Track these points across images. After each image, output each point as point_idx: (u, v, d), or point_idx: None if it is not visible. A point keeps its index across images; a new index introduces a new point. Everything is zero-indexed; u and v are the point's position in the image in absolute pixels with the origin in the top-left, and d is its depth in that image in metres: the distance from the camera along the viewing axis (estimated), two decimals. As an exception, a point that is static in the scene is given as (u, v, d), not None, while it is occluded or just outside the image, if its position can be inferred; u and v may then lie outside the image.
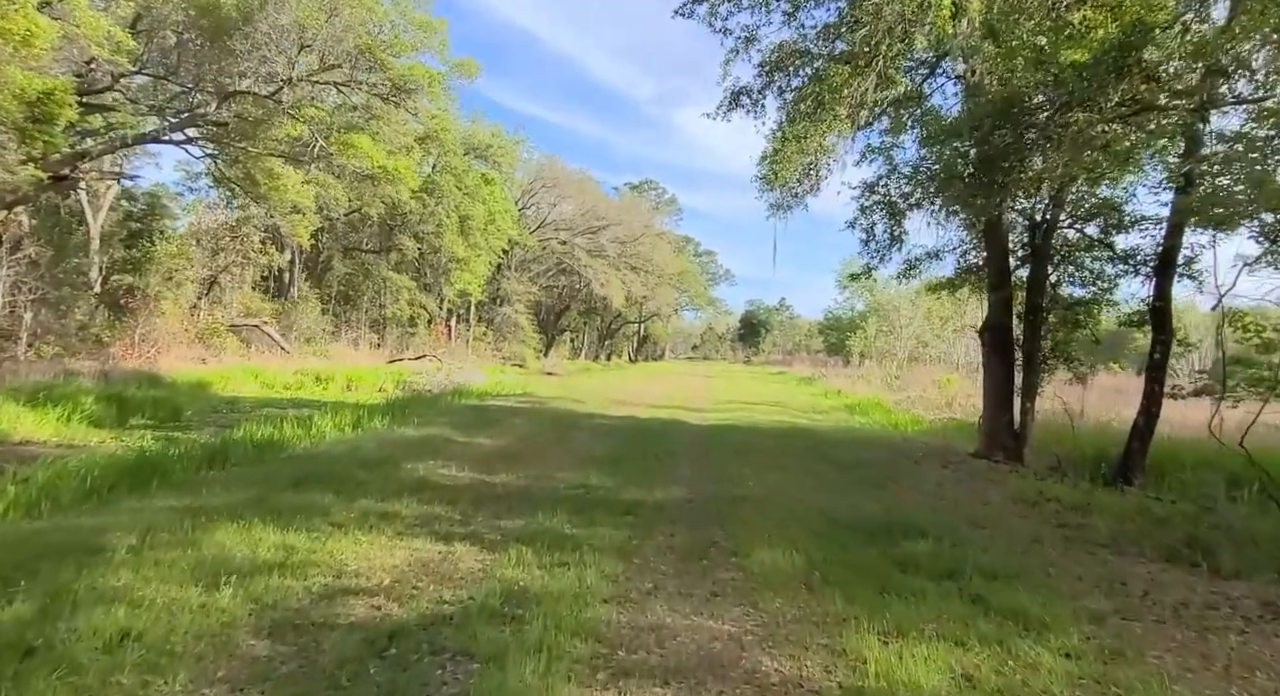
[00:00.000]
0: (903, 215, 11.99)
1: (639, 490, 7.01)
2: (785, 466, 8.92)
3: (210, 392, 17.47)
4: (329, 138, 16.91)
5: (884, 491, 7.54)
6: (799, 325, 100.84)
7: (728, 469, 8.52)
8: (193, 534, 4.37)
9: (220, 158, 20.92)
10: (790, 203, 10.61)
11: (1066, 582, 4.45)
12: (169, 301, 23.27)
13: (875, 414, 18.43)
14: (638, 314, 68.20)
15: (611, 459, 8.77)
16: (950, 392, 21.93)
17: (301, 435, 8.82)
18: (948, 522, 6.05)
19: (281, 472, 6.56)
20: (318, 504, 5.44)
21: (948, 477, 8.49)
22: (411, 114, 18.74)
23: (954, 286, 12.66)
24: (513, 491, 6.60)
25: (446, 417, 11.81)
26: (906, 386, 26.98)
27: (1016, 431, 9.74)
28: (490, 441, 9.56)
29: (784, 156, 8.72)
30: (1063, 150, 5.70)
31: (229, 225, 26.93)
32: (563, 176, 47.81)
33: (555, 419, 12.75)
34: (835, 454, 10.12)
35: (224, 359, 23.05)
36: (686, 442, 10.80)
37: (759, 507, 6.41)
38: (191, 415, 13.52)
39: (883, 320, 49.69)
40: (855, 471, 8.76)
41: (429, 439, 9.34)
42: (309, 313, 28.98)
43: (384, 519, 5.19)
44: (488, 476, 7.20)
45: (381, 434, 9.60)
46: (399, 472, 6.98)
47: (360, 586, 3.83)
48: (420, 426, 10.51)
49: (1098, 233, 9.94)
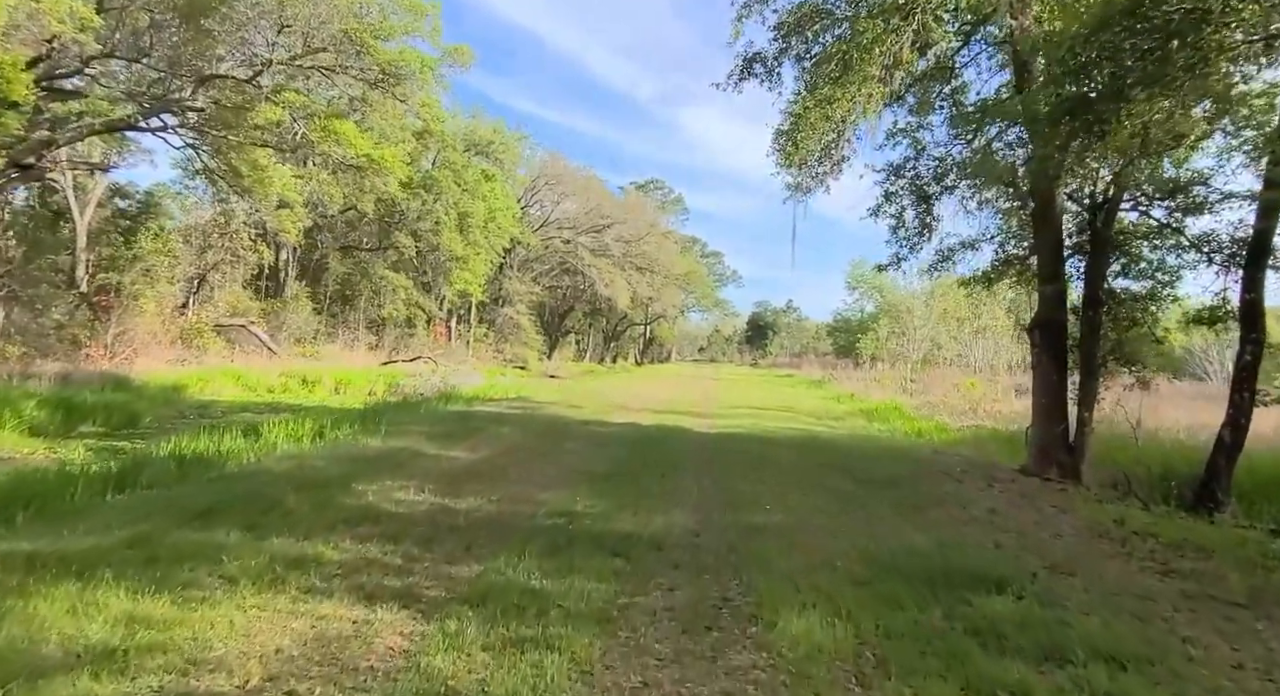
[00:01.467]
0: (934, 200, 10.74)
1: (634, 518, 5.77)
2: (806, 484, 7.67)
3: (182, 396, 16.34)
4: (311, 124, 15.74)
5: (929, 518, 6.28)
6: (806, 327, 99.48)
7: (740, 487, 7.28)
8: (3, 602, 3.16)
9: (201, 148, 19.83)
10: (810, 184, 9.37)
11: (1224, 674, 3.19)
12: (149, 300, 22.20)
13: (895, 420, 17.13)
14: (643, 315, 67.00)
15: (605, 475, 7.54)
16: (974, 397, 20.59)
17: (246, 448, 7.63)
18: (1021, 565, 4.79)
19: (194, 499, 5.35)
20: (215, 545, 4.22)
21: (999, 500, 7.21)
22: (401, 101, 17.55)
23: (990, 280, 11.37)
24: (478, 521, 5.37)
25: (424, 425, 10.60)
26: (925, 390, 25.66)
27: (1072, 444, 8.45)
28: (466, 454, 8.34)
29: (807, 124, 7.50)
30: (1176, 87, 4.45)
31: (218, 222, 25.86)
32: (566, 173, 46.65)
33: (547, 426, 11.53)
34: (861, 468, 8.86)
35: (206, 360, 21.95)
36: (692, 454, 9.57)
37: (781, 543, 5.17)
38: (151, 421, 12.39)
39: (895, 321, 48.31)
40: (889, 490, 7.50)
41: (395, 452, 8.13)
42: (300, 312, 27.85)
43: (294, 568, 3.97)
44: (452, 500, 5.98)
45: (341, 446, 8.39)
46: (342, 497, 5.76)
47: (211, 692, 2.61)
48: (391, 436, 9.30)
49: (1164, 216, 8.65)
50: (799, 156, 8.22)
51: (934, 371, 30.61)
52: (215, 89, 17.63)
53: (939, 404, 20.03)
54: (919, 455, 10.54)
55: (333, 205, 30.15)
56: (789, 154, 8.36)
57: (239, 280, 29.60)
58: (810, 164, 9.02)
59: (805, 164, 8.96)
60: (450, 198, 32.22)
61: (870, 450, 10.97)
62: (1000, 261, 11.07)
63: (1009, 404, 20.79)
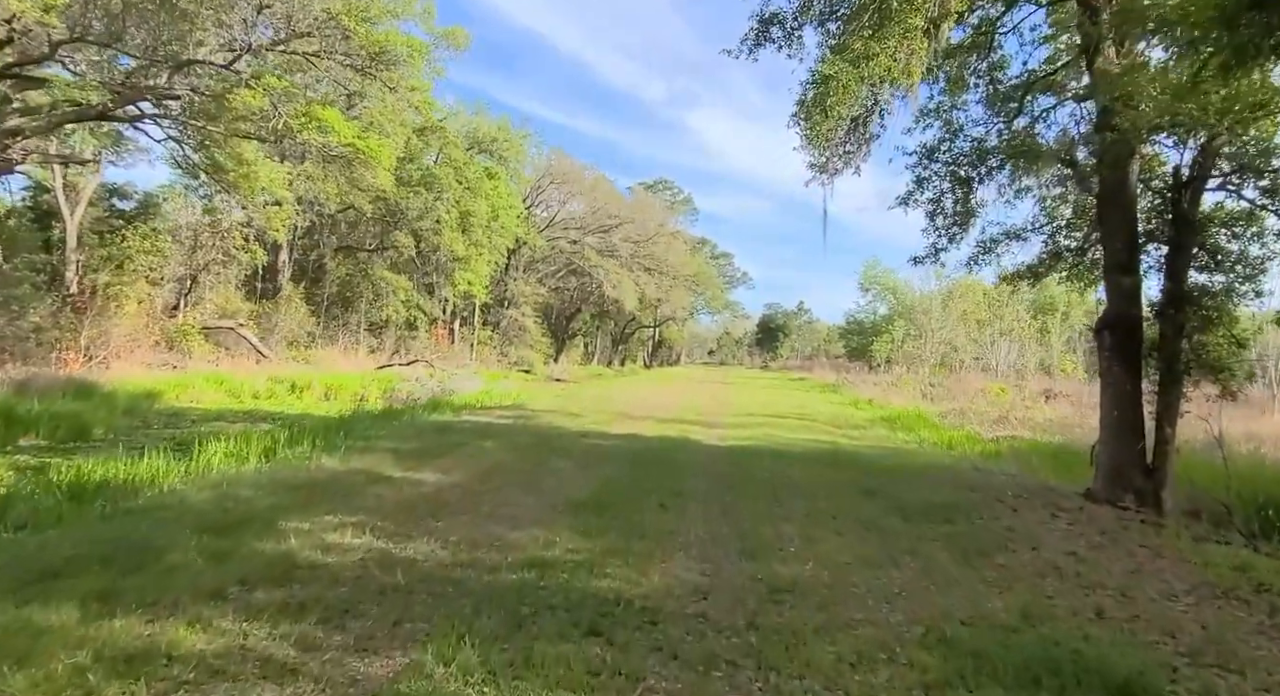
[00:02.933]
0: (977, 184, 9.46)
1: (624, 570, 4.54)
2: (836, 516, 6.40)
3: (154, 404, 15.25)
4: (293, 109, 14.62)
5: (998, 568, 5.00)
6: (818, 329, 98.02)
7: (758, 523, 6.01)
8: None
9: (184, 141, 18.78)
10: (837, 166, 8.10)
11: None
12: (131, 301, 21.18)
13: (921, 429, 15.80)
14: (652, 318, 65.76)
15: (595, 505, 6.30)
16: (1004, 405, 19.21)
17: (172, 471, 6.44)
18: (1149, 653, 3.51)
19: (54, 549, 4.16)
20: (30, 631, 3.02)
21: (1076, 539, 5.91)
22: (391, 89, 16.42)
23: (1037, 275, 10.06)
24: (423, 578, 4.15)
25: (397, 440, 9.40)
26: (948, 396, 24.25)
27: (1150, 465, 7.12)
28: (436, 477, 7.12)
29: (838, 86, 6.25)
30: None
31: (211, 220, 24.86)
32: (572, 172, 45.50)
33: (537, 440, 10.30)
34: (897, 492, 7.58)
35: (191, 365, 20.91)
36: (700, 475, 8.31)
37: (818, 613, 3.91)
38: (105, 433, 11.25)
39: (911, 323, 46.80)
40: (936, 525, 6.22)
41: (349, 475, 6.91)
42: (293, 314, 26.77)
43: (122, 673, 2.76)
44: (398, 544, 4.76)
45: (288, 467, 7.18)
46: (255, 543, 4.55)
47: None
48: (355, 453, 8.09)
49: (1257, 197, 7.32)
50: (827, 127, 6.97)
51: (955, 376, 29.17)
52: (194, 76, 16.59)
53: (966, 411, 18.65)
54: (959, 474, 9.22)
55: (329, 203, 29.18)
56: (816, 125, 7.09)
57: (232, 281, 28.63)
58: (837, 140, 7.76)
59: (832, 139, 7.69)
60: (452, 196, 31.11)
61: (903, 467, 9.66)
62: (1049, 254, 9.76)
63: (1041, 410, 19.41)
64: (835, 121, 7.12)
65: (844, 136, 8.13)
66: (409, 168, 30.49)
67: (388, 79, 15.73)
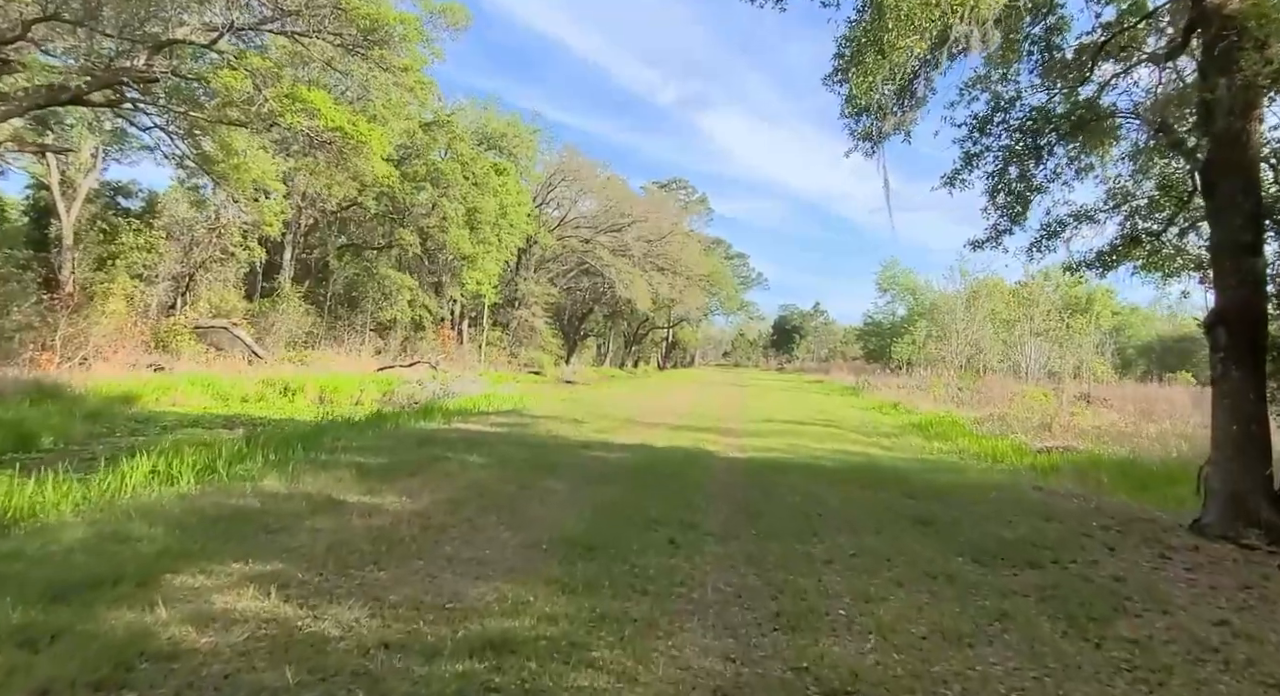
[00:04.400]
0: (1045, 155, 8.08)
1: (617, 653, 3.25)
2: (891, 558, 5.07)
3: (128, 408, 14.19)
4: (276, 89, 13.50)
5: (1124, 645, 3.65)
6: (834, 331, 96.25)
7: (794, 571, 4.69)
8: None
9: (171, 129, 17.77)
10: (884, 130, 6.79)
11: None
12: (119, 299, 20.21)
13: (958, 438, 14.38)
14: (666, 318, 64.44)
15: (587, 542, 5.02)
16: (1046, 411, 17.67)
17: (66, 498, 5.23)
18: None
19: None
20: None
21: (1211, 596, 4.53)
22: (383, 69, 15.26)
23: (1108, 264, 8.64)
24: (319, 678, 2.89)
25: (368, 453, 8.15)
26: (978, 401, 22.71)
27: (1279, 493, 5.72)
28: (397, 503, 5.86)
29: (898, 16, 4.95)
30: None
31: (205, 216, 23.89)
32: (584, 169, 44.26)
33: (531, 453, 9.02)
34: (957, 522, 6.23)
35: (179, 366, 19.89)
36: (718, 497, 7.01)
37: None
38: (56, 442, 10.14)
39: (935, 323, 45.09)
40: (1020, 571, 4.88)
41: (290, 501, 5.67)
42: (291, 313, 25.72)
43: None
44: (310, 612, 3.50)
45: (219, 492, 5.94)
46: (110, 612, 3.31)
47: None
48: (308, 471, 6.84)
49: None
50: (881, 77, 5.67)
51: (986, 379, 27.53)
52: (176, 58, 15.55)
53: (1003, 417, 17.14)
54: (1022, 496, 7.82)
55: (330, 199, 28.16)
56: (865, 73, 5.79)
57: (231, 279, 27.69)
58: (886, 97, 6.45)
59: (886, 88, 6.39)
60: (458, 191, 29.99)
61: (953, 486, 8.28)
62: (1125, 238, 8.35)
63: (1084, 416, 17.86)
64: (895, 64, 5.78)
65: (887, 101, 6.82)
66: (415, 163, 29.45)
67: (379, 58, 14.57)
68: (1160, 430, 13.80)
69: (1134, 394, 25.68)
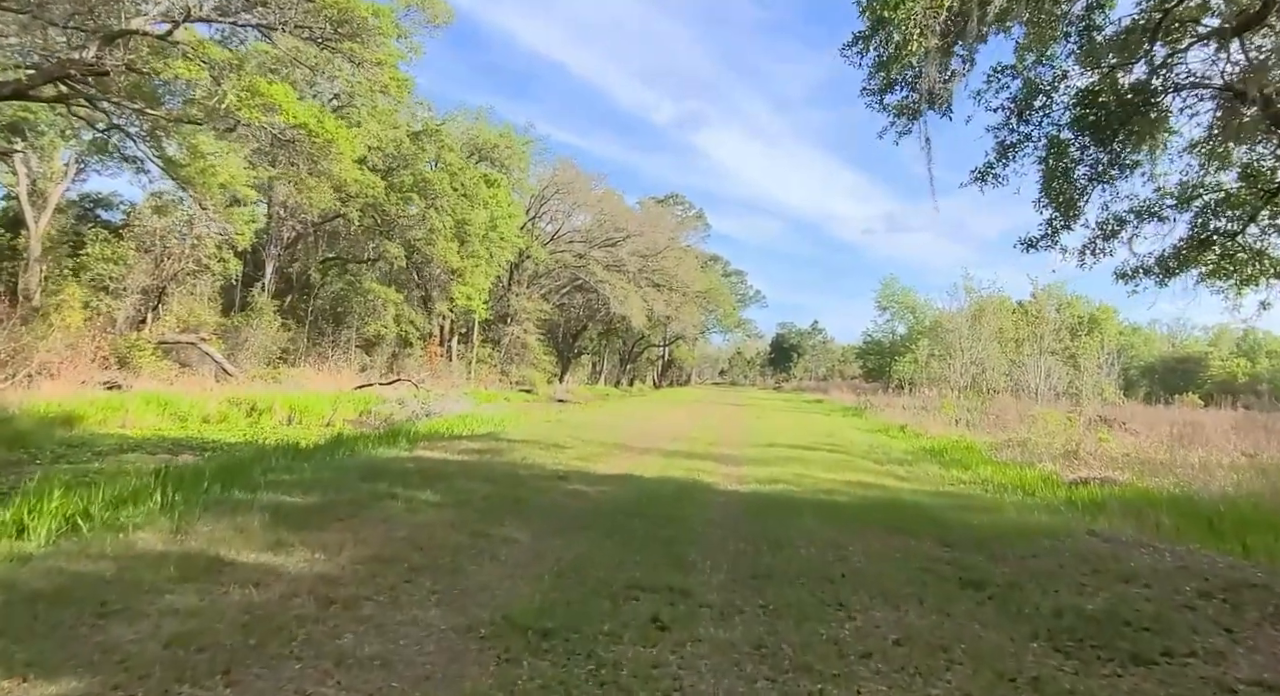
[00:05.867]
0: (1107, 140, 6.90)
1: None
2: (948, 648, 3.77)
3: (67, 431, 12.87)
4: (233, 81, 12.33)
5: None
6: (833, 349, 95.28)
7: (820, 679, 3.38)
8: None
9: (128, 129, 16.61)
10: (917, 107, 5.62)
11: None
12: (74, 313, 18.90)
13: (977, 466, 13.05)
14: (662, 336, 63.27)
15: (543, 625, 3.71)
16: (1069, 436, 16.39)
17: None
18: None
19: None
20: None
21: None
22: (355, 64, 14.15)
23: (1170, 270, 7.43)
24: None
25: (299, 489, 6.81)
26: (990, 423, 21.41)
27: None
28: (304, 563, 4.54)
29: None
30: None
31: (169, 224, 22.65)
32: (578, 181, 43.26)
33: (498, 487, 7.70)
34: (1017, 585, 4.94)
35: (139, 383, 18.55)
36: (717, 550, 5.69)
37: None
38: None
39: (937, 342, 43.89)
40: (1124, 670, 3.58)
41: (158, 565, 4.34)
42: (265, 328, 24.42)
43: None
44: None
45: (73, 550, 4.61)
46: None
47: None
48: (209, 517, 5.51)
49: None
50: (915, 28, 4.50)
51: (996, 400, 26.26)
52: (130, 51, 14.40)
53: (1025, 443, 15.84)
54: (1081, 546, 6.51)
55: (311, 209, 26.99)
56: (897, 55, 4.62)
57: (205, 293, 26.43)
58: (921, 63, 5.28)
59: (916, 69, 5.22)
60: (446, 202, 28.84)
61: (995, 531, 6.97)
62: (1194, 240, 7.15)
63: (1110, 443, 16.60)
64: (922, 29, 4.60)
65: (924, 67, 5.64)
66: (402, 173, 28.35)
67: (349, 51, 13.44)
68: (1202, 459, 12.53)
69: (1149, 416, 24.46)
